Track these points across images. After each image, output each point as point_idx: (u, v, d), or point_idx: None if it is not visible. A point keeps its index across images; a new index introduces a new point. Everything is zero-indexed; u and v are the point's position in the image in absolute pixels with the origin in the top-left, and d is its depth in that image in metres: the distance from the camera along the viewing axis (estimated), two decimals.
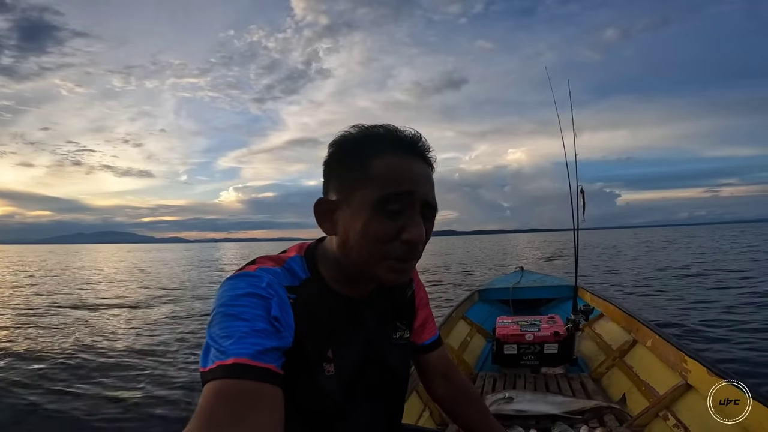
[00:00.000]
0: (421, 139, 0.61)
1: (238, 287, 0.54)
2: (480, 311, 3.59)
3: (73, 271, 19.33)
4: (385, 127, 0.60)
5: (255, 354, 0.48)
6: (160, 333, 5.88)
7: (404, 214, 0.56)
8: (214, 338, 0.49)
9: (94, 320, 6.95)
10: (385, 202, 0.55)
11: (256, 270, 0.57)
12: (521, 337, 2.51)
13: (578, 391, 2.17)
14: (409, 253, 0.57)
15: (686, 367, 1.81)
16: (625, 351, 2.42)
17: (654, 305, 6.66)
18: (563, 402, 1.96)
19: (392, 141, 0.59)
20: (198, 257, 34.91)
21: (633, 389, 2.09)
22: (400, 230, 0.56)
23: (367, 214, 0.56)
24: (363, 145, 0.58)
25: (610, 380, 2.34)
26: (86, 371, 4.16)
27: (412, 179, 0.57)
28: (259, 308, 0.52)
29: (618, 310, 2.83)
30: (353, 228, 0.57)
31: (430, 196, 0.59)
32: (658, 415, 1.76)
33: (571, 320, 2.56)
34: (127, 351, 4.89)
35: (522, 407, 1.93)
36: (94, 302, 8.99)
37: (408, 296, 0.78)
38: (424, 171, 0.60)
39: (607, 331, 2.83)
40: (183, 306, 8.50)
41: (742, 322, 5.18)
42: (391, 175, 0.56)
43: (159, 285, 12.74)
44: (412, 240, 0.55)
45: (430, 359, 0.84)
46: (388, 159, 0.57)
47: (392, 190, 0.55)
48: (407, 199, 0.56)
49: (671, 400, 1.78)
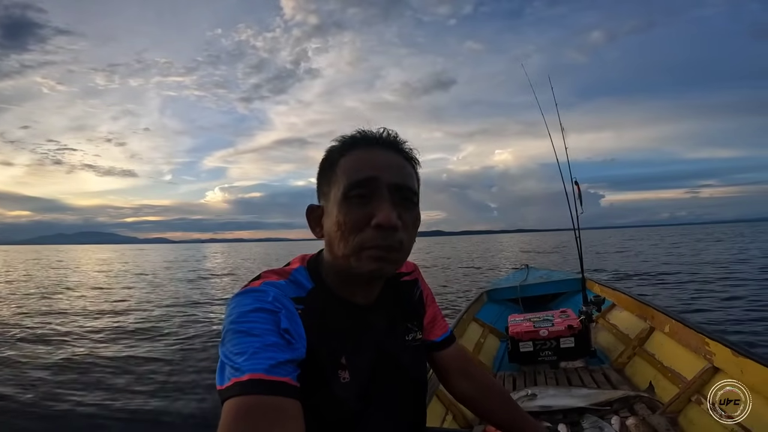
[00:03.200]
0: (388, 133, 0.63)
1: (245, 303, 0.54)
2: (490, 311, 3.52)
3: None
4: (355, 131, 0.63)
5: (269, 368, 0.48)
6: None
7: (371, 201, 0.57)
8: (228, 356, 0.50)
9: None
10: (349, 189, 0.57)
11: (260, 285, 0.58)
12: (536, 334, 2.46)
13: (602, 383, 2.10)
14: (384, 239, 0.56)
15: (709, 349, 1.76)
16: (644, 339, 2.36)
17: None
18: (589, 394, 1.88)
19: (357, 140, 0.62)
20: (173, 261, 29.88)
21: (659, 376, 2.03)
22: (370, 216, 0.56)
23: (337, 207, 0.58)
24: (335, 150, 0.63)
25: (633, 369, 2.28)
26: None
27: (374, 166, 0.59)
28: (268, 323, 0.53)
29: (630, 298, 2.78)
30: (329, 224, 0.60)
31: (399, 180, 0.59)
32: (691, 400, 1.70)
33: (584, 312, 2.51)
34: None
35: (547, 403, 1.85)
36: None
37: (416, 297, 0.78)
38: (391, 158, 0.61)
39: (622, 321, 2.78)
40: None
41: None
42: (353, 166, 0.59)
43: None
44: (382, 223, 0.55)
45: (446, 357, 0.82)
46: (353, 154, 0.60)
47: (354, 178, 0.58)
48: (372, 185, 0.58)
49: (701, 384, 1.72)
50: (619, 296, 2.97)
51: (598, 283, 3.43)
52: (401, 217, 0.58)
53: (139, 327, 6.37)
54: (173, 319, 6.99)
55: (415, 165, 0.65)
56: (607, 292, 3.12)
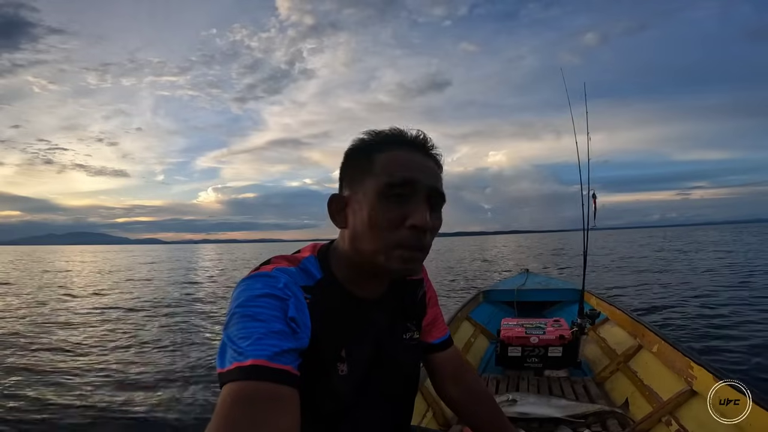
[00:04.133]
0: (424, 136, 0.64)
1: (254, 288, 0.54)
2: (484, 312, 3.60)
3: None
4: (391, 128, 0.64)
5: (272, 355, 0.49)
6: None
7: (409, 201, 0.58)
8: (232, 339, 0.50)
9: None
10: (389, 188, 0.58)
11: (272, 270, 0.58)
12: (526, 340, 2.51)
13: (581, 395, 2.18)
14: (416, 240, 0.58)
15: (692, 373, 1.80)
16: (630, 356, 2.41)
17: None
18: (566, 405, 1.96)
19: (395, 138, 0.63)
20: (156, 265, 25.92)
21: (636, 394, 2.09)
22: (405, 216, 0.57)
23: (372, 202, 0.58)
24: (370, 144, 0.63)
25: (614, 384, 2.34)
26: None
27: (415, 168, 0.59)
28: (276, 309, 0.53)
29: (624, 314, 2.81)
30: (360, 218, 0.59)
31: (435, 184, 0.61)
32: (661, 421, 1.77)
33: (577, 324, 2.55)
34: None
35: (525, 410, 1.94)
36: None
37: (419, 297, 0.78)
38: (428, 162, 0.62)
39: (613, 336, 2.83)
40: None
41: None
42: (394, 164, 0.59)
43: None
44: (417, 224, 0.57)
45: (440, 359, 0.83)
46: (392, 152, 0.60)
47: (395, 177, 0.58)
48: (411, 186, 0.58)
49: (675, 405, 1.77)
50: (614, 311, 3.00)
51: (595, 295, 3.45)
52: (432, 221, 0.59)
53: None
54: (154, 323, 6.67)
55: (441, 169, 0.66)
56: (602, 306, 3.16)
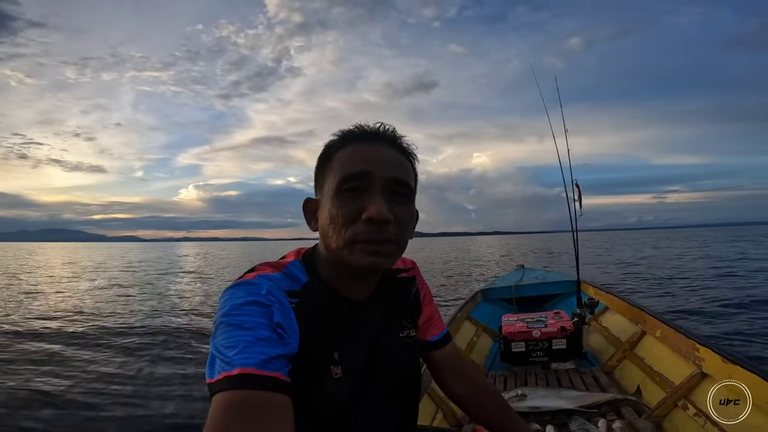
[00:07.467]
0: (384, 126, 0.63)
1: (237, 296, 0.54)
2: (484, 311, 3.55)
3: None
4: (354, 125, 0.63)
5: (260, 363, 0.48)
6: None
7: (363, 194, 0.57)
8: (219, 349, 0.49)
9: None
10: (342, 182, 0.58)
11: (254, 278, 0.57)
12: (528, 334, 2.48)
13: (591, 385, 2.13)
14: (375, 233, 0.56)
15: (699, 355, 1.78)
16: (635, 343, 2.39)
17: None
18: (578, 396, 1.91)
19: (354, 133, 0.63)
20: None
21: (647, 380, 2.06)
22: (361, 210, 0.57)
23: (330, 200, 0.59)
24: (332, 144, 0.63)
25: (623, 373, 2.31)
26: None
27: (368, 159, 0.59)
28: (261, 316, 0.52)
29: (623, 302, 2.81)
30: (323, 217, 0.60)
31: (392, 174, 0.59)
32: (677, 405, 1.73)
33: (577, 314, 2.53)
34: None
35: (536, 404, 1.88)
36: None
37: (412, 294, 0.78)
38: (386, 152, 0.61)
39: (614, 324, 2.81)
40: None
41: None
42: (347, 159, 0.59)
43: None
44: (373, 217, 0.55)
45: (440, 356, 0.83)
46: (349, 148, 0.61)
47: (347, 171, 0.58)
48: (364, 179, 0.58)
49: (688, 389, 1.74)
50: (613, 299, 3.00)
51: (592, 285, 3.45)
52: (393, 211, 0.58)
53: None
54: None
55: (412, 160, 0.65)
56: (601, 295, 3.15)
